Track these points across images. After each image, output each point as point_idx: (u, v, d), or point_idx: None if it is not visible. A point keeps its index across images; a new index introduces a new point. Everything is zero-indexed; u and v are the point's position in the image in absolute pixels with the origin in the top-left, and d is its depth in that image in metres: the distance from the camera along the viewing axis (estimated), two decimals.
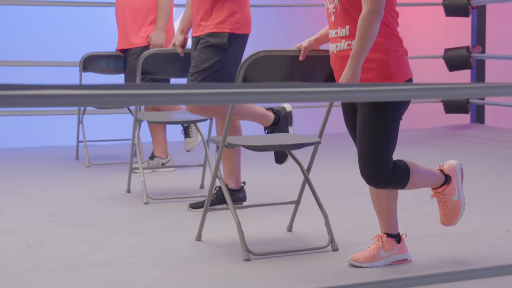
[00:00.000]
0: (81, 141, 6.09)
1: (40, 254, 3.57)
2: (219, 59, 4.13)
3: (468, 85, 2.23)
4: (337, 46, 3.22)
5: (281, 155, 4.20)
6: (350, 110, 3.31)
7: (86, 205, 4.60)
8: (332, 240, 3.62)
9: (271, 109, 4.32)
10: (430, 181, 3.39)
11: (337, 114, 4.61)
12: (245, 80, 3.45)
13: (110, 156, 6.22)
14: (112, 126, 7.06)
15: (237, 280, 3.16)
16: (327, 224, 3.65)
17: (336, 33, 3.21)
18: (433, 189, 3.45)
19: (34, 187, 5.14)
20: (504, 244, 3.66)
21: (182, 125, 5.53)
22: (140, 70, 4.52)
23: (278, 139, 3.78)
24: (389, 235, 3.36)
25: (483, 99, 7.96)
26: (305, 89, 2.03)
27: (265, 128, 4.31)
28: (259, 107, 4.31)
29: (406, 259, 3.39)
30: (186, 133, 5.48)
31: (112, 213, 4.40)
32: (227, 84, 1.89)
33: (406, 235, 3.44)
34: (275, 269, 3.30)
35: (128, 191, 4.91)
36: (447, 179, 3.42)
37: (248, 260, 3.43)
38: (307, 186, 3.75)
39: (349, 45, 3.17)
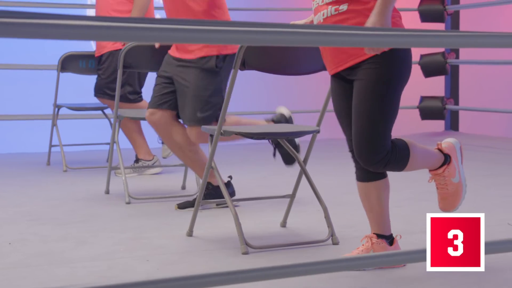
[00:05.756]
0: (54, 145, 5.79)
1: (23, 250, 3.34)
2: (216, 83, 3.99)
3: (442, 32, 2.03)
4: (323, 14, 2.90)
5: (289, 155, 3.95)
6: (343, 93, 3.00)
7: (64, 205, 4.35)
8: (332, 234, 3.45)
9: (272, 120, 4.10)
10: (430, 161, 3.07)
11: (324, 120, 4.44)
12: (243, 64, 3.31)
13: (87, 161, 5.95)
14: (86, 133, 6.76)
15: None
16: (327, 217, 3.47)
17: (323, 0, 2.91)
18: (431, 171, 3.13)
19: (5, 189, 4.86)
20: (508, 236, 3.52)
21: None
22: (121, 63, 4.30)
23: (275, 127, 3.62)
24: (379, 236, 3.05)
25: (458, 104, 7.92)
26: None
27: (272, 142, 4.04)
28: (260, 121, 4.11)
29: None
30: None
31: (93, 212, 4.16)
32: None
33: (400, 237, 3.10)
34: (276, 263, 3.11)
35: (107, 192, 4.66)
36: (447, 159, 3.11)
37: (246, 253, 3.24)
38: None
39: (336, 9, 2.88)
